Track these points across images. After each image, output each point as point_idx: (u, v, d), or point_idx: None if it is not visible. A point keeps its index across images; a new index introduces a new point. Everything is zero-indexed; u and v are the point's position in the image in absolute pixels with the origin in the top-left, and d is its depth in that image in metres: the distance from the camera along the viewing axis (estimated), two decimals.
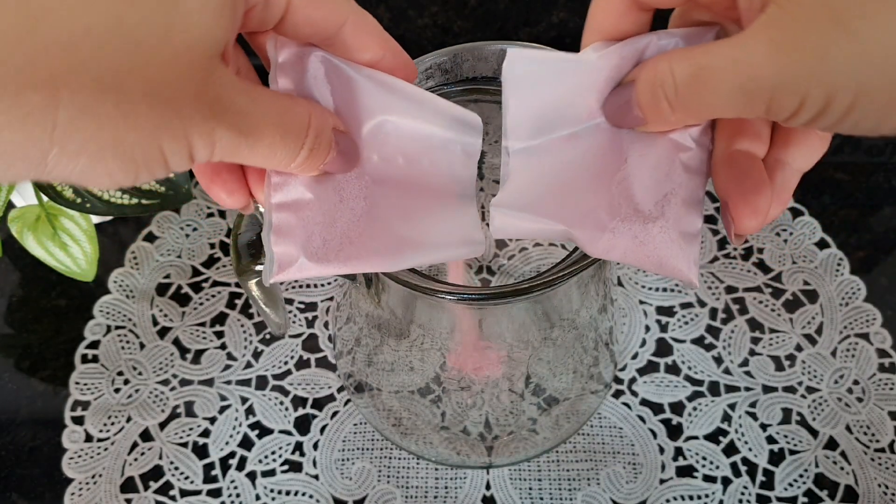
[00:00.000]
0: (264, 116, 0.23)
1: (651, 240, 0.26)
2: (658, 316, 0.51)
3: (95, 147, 0.19)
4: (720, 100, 0.22)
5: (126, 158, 0.20)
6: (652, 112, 0.24)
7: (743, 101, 0.21)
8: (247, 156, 0.23)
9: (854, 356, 0.49)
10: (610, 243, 0.26)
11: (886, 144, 0.58)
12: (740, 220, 0.25)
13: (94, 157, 0.20)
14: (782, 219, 0.54)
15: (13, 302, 0.52)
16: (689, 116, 0.24)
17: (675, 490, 0.44)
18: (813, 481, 0.45)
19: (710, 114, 0.23)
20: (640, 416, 0.47)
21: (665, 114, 0.24)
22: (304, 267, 0.26)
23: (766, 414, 0.47)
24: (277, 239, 0.25)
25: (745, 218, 0.25)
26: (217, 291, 0.52)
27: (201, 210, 0.55)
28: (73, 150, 0.19)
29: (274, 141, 0.23)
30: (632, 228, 0.26)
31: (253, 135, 0.22)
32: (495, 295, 0.30)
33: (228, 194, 0.26)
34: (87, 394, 0.48)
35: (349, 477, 0.45)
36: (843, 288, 0.52)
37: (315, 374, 0.49)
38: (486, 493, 0.44)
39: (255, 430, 0.47)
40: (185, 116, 0.20)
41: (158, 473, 0.45)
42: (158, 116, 0.20)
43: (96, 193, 0.47)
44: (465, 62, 0.34)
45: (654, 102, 0.24)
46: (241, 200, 0.26)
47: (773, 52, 0.20)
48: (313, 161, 0.25)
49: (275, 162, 0.24)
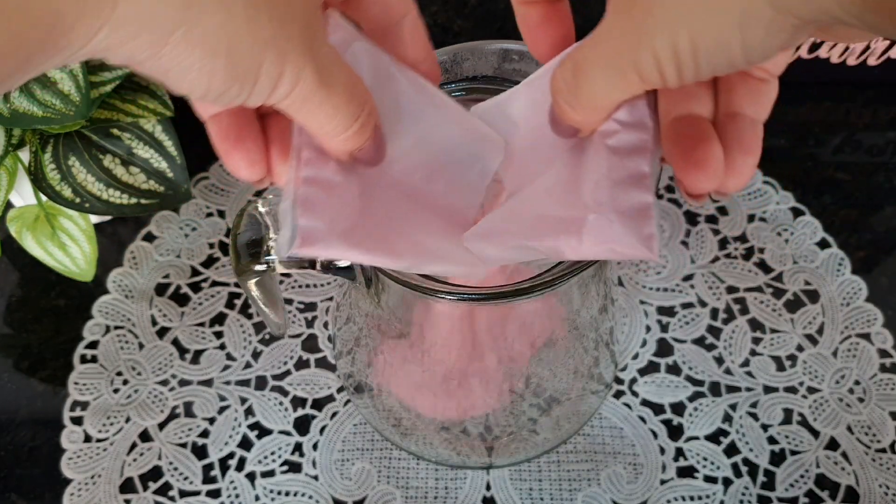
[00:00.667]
0: (339, 75, 0.24)
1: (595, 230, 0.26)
2: (659, 316, 0.50)
3: (214, 42, 0.20)
4: (600, 85, 0.23)
5: (232, 63, 0.21)
6: (567, 116, 0.25)
7: (617, 77, 0.23)
8: (314, 109, 0.23)
9: (855, 356, 0.49)
10: (566, 245, 0.26)
11: (887, 144, 0.58)
12: (685, 177, 0.25)
13: (208, 53, 0.20)
14: (783, 219, 0.54)
15: (12, 302, 0.52)
16: (591, 111, 0.25)
17: (675, 490, 0.44)
18: (814, 482, 0.45)
19: (603, 100, 0.24)
20: (640, 417, 0.47)
21: (574, 115, 0.25)
22: (329, 244, 0.25)
23: (767, 414, 0.47)
24: (304, 212, 0.25)
25: (688, 173, 0.25)
26: (216, 291, 0.52)
27: (200, 210, 0.55)
28: (196, 38, 0.20)
29: (340, 103, 0.24)
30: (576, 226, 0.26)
31: (328, 88, 0.23)
32: (495, 295, 0.30)
33: (249, 164, 0.26)
34: (86, 394, 0.48)
35: (349, 477, 0.45)
36: (845, 288, 0.51)
37: (315, 375, 0.49)
38: (487, 494, 0.44)
39: (254, 431, 0.47)
40: (291, 42, 0.22)
41: (157, 474, 0.45)
42: (273, 32, 0.21)
43: (95, 193, 0.47)
44: (465, 61, 0.34)
45: (563, 110, 0.25)
46: (259, 172, 0.26)
47: (618, 21, 0.22)
48: (358, 137, 0.25)
49: (332, 125, 0.24)
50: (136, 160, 0.48)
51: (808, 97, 0.60)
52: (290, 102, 0.23)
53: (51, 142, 0.47)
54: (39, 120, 0.43)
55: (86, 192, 0.47)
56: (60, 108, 0.43)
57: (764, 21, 0.20)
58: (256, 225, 0.36)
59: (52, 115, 0.43)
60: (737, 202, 0.55)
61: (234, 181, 0.56)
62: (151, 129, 0.48)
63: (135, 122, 0.48)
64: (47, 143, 0.47)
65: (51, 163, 0.46)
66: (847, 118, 0.59)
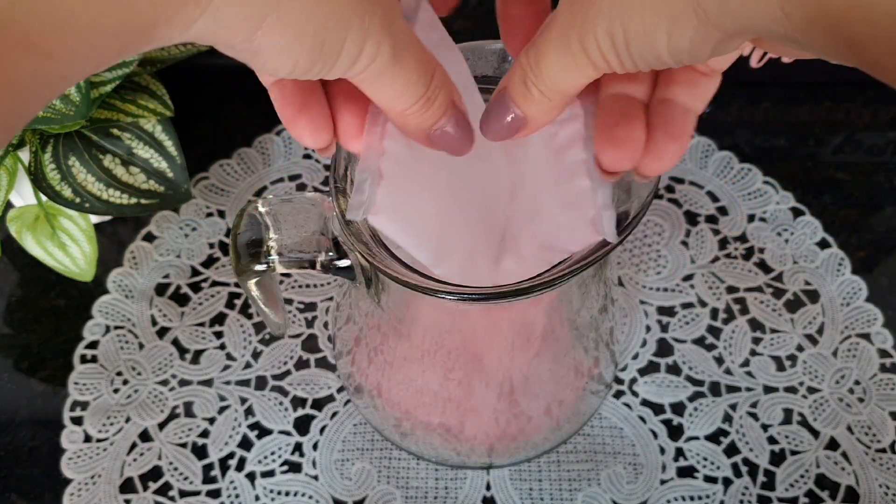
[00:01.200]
0: (410, 47, 0.24)
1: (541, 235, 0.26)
2: (659, 316, 0.50)
3: (304, 23, 0.21)
4: (559, 66, 0.24)
5: (319, 42, 0.22)
6: (525, 102, 0.25)
7: (571, 59, 0.23)
8: (388, 82, 0.24)
9: (855, 356, 0.49)
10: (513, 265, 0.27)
11: (888, 144, 0.58)
12: (601, 151, 0.26)
13: (298, 34, 0.21)
14: (783, 218, 0.54)
15: (12, 302, 0.52)
16: (549, 90, 0.25)
17: (675, 491, 0.44)
18: (814, 482, 0.45)
19: (563, 82, 0.24)
20: (640, 417, 0.47)
21: (536, 97, 0.25)
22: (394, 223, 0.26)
23: (767, 414, 0.47)
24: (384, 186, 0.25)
25: (604, 148, 0.26)
26: (216, 291, 0.52)
27: (200, 210, 0.55)
28: (288, 21, 0.21)
29: (411, 75, 0.24)
30: (524, 239, 0.27)
31: (400, 62, 0.24)
32: (496, 295, 0.30)
33: (314, 131, 0.26)
34: (86, 394, 0.48)
35: (349, 477, 0.45)
36: (845, 288, 0.51)
37: (314, 375, 0.49)
38: (487, 494, 0.44)
39: (254, 431, 0.47)
40: (373, 18, 0.22)
41: (157, 474, 0.45)
42: (357, 9, 0.22)
43: (95, 193, 0.47)
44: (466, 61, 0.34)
45: (525, 90, 0.25)
46: (326, 139, 0.26)
47: (570, 7, 0.23)
48: (430, 112, 0.25)
49: (405, 97, 0.25)
50: (136, 160, 0.48)
51: (808, 97, 0.60)
52: (365, 76, 0.23)
53: (51, 142, 0.47)
54: (39, 120, 0.43)
55: (86, 192, 0.47)
56: (60, 108, 0.43)
57: (689, 30, 0.20)
58: (256, 225, 0.36)
59: (52, 114, 0.43)
60: (737, 202, 0.55)
61: (234, 181, 0.56)
62: (151, 129, 0.48)
63: (135, 121, 0.48)
64: (47, 142, 0.47)
65: (51, 163, 0.46)
66: (847, 118, 0.59)
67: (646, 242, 0.53)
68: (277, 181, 0.57)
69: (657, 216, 0.54)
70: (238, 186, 0.56)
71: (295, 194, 0.48)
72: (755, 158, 0.57)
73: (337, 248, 0.35)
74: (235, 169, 0.57)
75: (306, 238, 0.35)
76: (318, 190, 0.56)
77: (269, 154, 0.58)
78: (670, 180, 0.56)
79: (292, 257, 0.35)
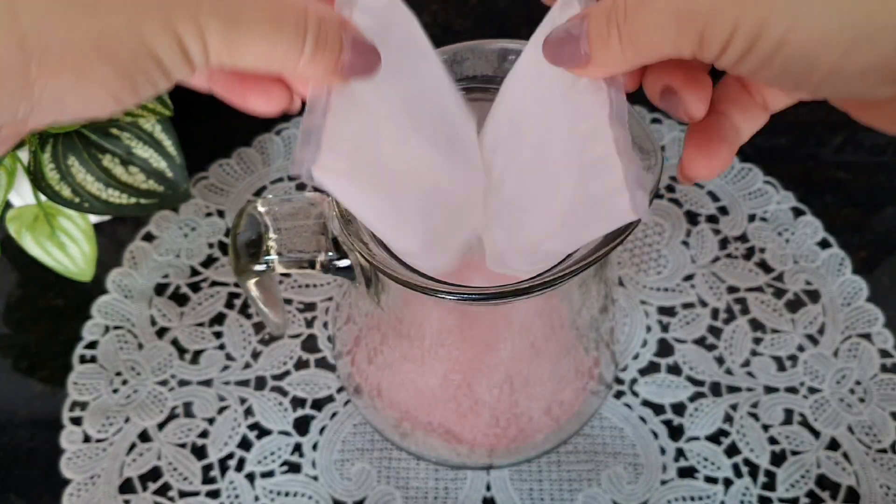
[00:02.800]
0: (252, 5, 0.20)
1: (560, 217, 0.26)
2: (659, 316, 0.50)
3: (76, 51, 0.18)
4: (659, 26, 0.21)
5: (116, 63, 0.18)
6: (600, 45, 0.23)
7: (677, 28, 0.21)
8: (245, 52, 0.21)
9: (856, 357, 0.49)
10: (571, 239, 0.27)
11: (888, 143, 0.58)
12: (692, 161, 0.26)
13: (79, 66, 0.18)
14: (784, 218, 0.54)
15: (11, 302, 0.52)
16: (631, 48, 0.23)
17: (676, 491, 0.44)
18: (815, 482, 0.45)
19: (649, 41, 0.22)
20: (641, 417, 0.47)
21: (613, 45, 0.23)
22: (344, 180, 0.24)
23: (767, 414, 0.47)
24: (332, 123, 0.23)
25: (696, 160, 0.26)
26: (216, 291, 0.52)
27: (200, 210, 0.55)
28: (54, 63, 0.18)
29: (270, 31, 0.21)
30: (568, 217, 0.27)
31: (242, 23, 0.20)
32: (496, 295, 0.30)
33: (267, 97, 0.23)
34: (85, 394, 0.48)
35: (349, 478, 0.45)
36: (845, 288, 0.51)
37: (314, 375, 0.48)
38: (487, 495, 0.44)
39: (253, 431, 0.47)
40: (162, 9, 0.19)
41: (157, 474, 0.45)
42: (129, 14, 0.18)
43: (94, 193, 0.47)
44: (466, 60, 0.34)
45: (607, 32, 0.23)
46: (283, 98, 0.24)
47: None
48: (325, 56, 0.22)
49: (279, 58, 0.21)
50: (136, 160, 0.48)
51: None
52: (217, 59, 0.20)
53: (50, 141, 0.46)
54: None
55: (85, 191, 0.47)
56: None
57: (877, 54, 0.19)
58: (256, 225, 0.36)
59: None
60: (737, 202, 0.55)
61: (234, 181, 0.56)
62: (151, 129, 0.48)
63: (134, 121, 0.47)
64: (46, 142, 0.46)
65: (50, 162, 0.46)
66: (848, 118, 0.59)
67: (646, 242, 0.53)
68: (277, 181, 0.57)
69: (658, 216, 0.54)
70: (237, 186, 0.56)
71: (294, 194, 0.48)
72: (756, 158, 0.57)
73: (337, 248, 0.35)
74: (235, 169, 0.57)
75: (306, 238, 0.35)
76: (317, 190, 0.56)
77: (269, 154, 0.58)
78: (671, 180, 0.56)
79: (292, 257, 0.35)
